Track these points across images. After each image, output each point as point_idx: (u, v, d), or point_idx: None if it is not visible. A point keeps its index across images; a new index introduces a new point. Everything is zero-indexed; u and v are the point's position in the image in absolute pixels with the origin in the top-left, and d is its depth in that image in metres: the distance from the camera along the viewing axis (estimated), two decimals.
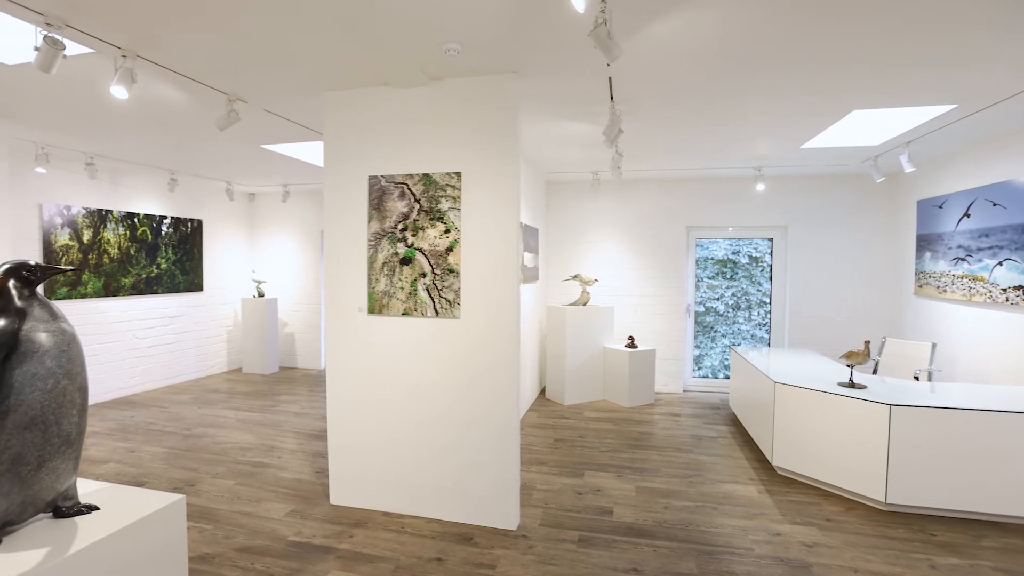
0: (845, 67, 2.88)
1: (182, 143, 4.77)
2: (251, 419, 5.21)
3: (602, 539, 2.98)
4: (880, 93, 3.29)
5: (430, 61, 2.82)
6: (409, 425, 3.24)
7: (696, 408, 5.75)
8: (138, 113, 3.78)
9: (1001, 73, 2.93)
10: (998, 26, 2.39)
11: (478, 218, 3.08)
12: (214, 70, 2.96)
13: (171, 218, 6.66)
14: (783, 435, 3.79)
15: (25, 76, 3.07)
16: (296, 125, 4.08)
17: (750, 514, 3.27)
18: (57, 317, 1.81)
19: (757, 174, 5.64)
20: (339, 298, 3.35)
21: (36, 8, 2.25)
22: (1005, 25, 2.38)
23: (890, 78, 3.03)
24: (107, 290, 5.87)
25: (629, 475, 3.87)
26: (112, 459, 4.14)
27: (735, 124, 4.02)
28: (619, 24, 2.37)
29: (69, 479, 1.86)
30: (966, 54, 2.69)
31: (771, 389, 3.89)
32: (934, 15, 2.29)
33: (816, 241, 6.15)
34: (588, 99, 3.46)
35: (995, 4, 2.20)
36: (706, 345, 6.75)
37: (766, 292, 6.52)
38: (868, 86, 3.17)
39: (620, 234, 6.60)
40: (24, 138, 4.51)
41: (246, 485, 3.66)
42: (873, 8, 2.25)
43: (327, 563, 2.72)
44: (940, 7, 2.23)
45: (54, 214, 5.35)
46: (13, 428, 1.62)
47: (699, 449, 4.43)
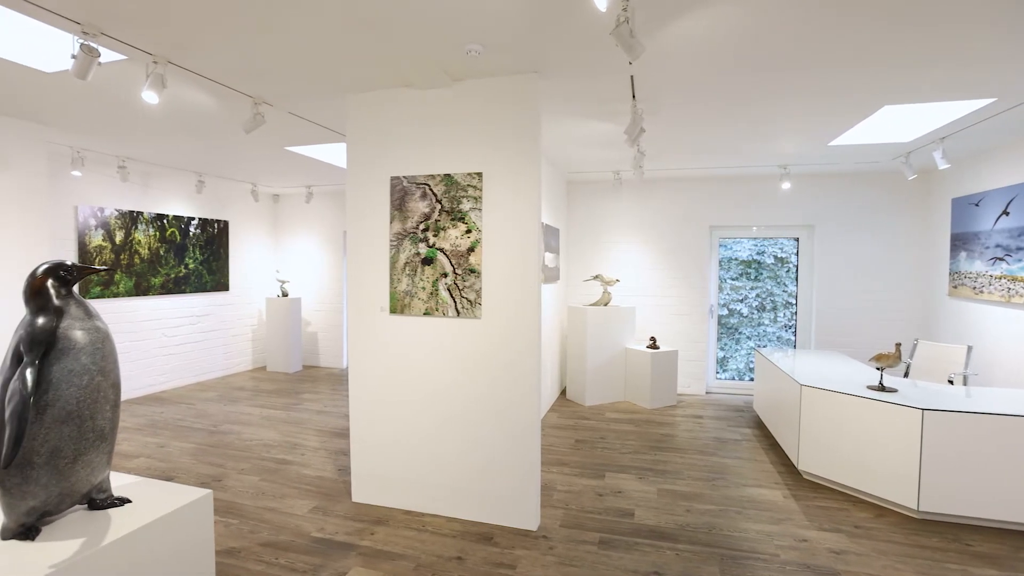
0: (876, 64, 2.81)
1: (209, 146, 4.88)
2: (275, 416, 5.30)
3: (623, 541, 2.95)
4: (913, 88, 3.19)
5: (451, 62, 2.84)
6: (430, 424, 3.26)
7: (719, 410, 5.66)
8: (168, 117, 3.87)
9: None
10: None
11: (499, 218, 3.08)
12: (241, 74, 3.02)
13: (198, 219, 6.81)
14: (809, 439, 3.71)
15: (62, 83, 3.17)
16: (319, 127, 4.14)
17: (775, 519, 3.20)
18: (92, 315, 1.87)
19: (783, 172, 5.53)
20: (361, 298, 3.39)
21: (74, 17, 2.33)
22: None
23: (924, 76, 2.94)
24: (138, 289, 6.04)
25: (651, 477, 3.83)
26: (143, 454, 4.25)
27: (760, 122, 3.95)
28: (641, 22, 2.35)
29: (103, 472, 1.91)
30: (1007, 49, 2.59)
31: (797, 392, 3.81)
32: (970, 10, 2.22)
33: (844, 241, 6.00)
34: (609, 98, 3.43)
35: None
36: (730, 347, 6.64)
37: (792, 293, 6.39)
38: (900, 82, 3.08)
39: (642, 234, 6.54)
40: (61, 143, 4.67)
41: (270, 481, 3.72)
42: (906, 5, 2.18)
43: (349, 560, 2.75)
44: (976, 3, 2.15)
45: (88, 216, 5.52)
46: (51, 422, 1.67)
47: (722, 452, 4.36)
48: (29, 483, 1.67)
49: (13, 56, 2.81)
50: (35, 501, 1.70)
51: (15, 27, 2.62)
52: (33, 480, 1.68)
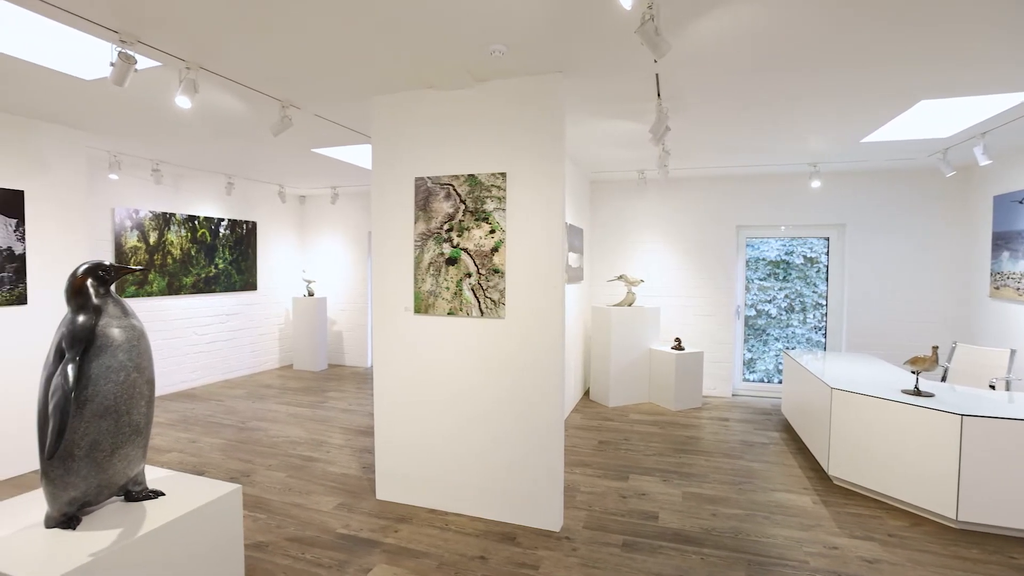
0: (912, 60, 2.72)
1: (238, 148, 4.99)
2: (301, 414, 5.40)
3: (647, 544, 2.92)
4: (952, 82, 3.08)
5: (475, 63, 2.84)
6: (454, 424, 3.27)
7: (746, 413, 5.55)
8: (199, 121, 3.98)
9: None
10: None
11: (523, 218, 3.07)
12: (269, 78, 3.08)
13: (228, 220, 6.98)
14: (840, 444, 3.61)
15: (101, 90, 3.28)
16: (345, 129, 4.20)
17: (804, 525, 3.13)
18: (128, 314, 1.93)
19: (812, 170, 5.40)
20: (386, 298, 3.42)
21: (112, 26, 2.41)
22: None
23: (964, 69, 2.84)
24: (170, 289, 6.21)
25: (675, 480, 3.78)
26: (175, 448, 4.38)
27: (789, 119, 3.86)
28: (667, 19, 2.31)
29: (138, 465, 1.97)
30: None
31: (827, 395, 3.71)
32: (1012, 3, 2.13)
33: (877, 240, 5.82)
34: (634, 97, 3.40)
35: None
36: (757, 349, 6.51)
37: (822, 294, 6.23)
38: (938, 76, 2.97)
39: (666, 234, 6.46)
40: (99, 147, 4.84)
41: (297, 478, 3.79)
42: (943, 6, 2.11)
43: (373, 556, 2.78)
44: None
45: (124, 217, 5.70)
46: (90, 416, 1.73)
47: (749, 455, 4.28)
48: (70, 474, 1.74)
49: (55, 65, 2.92)
50: (76, 492, 1.77)
51: (57, 37, 2.73)
52: (74, 471, 1.74)
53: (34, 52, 2.81)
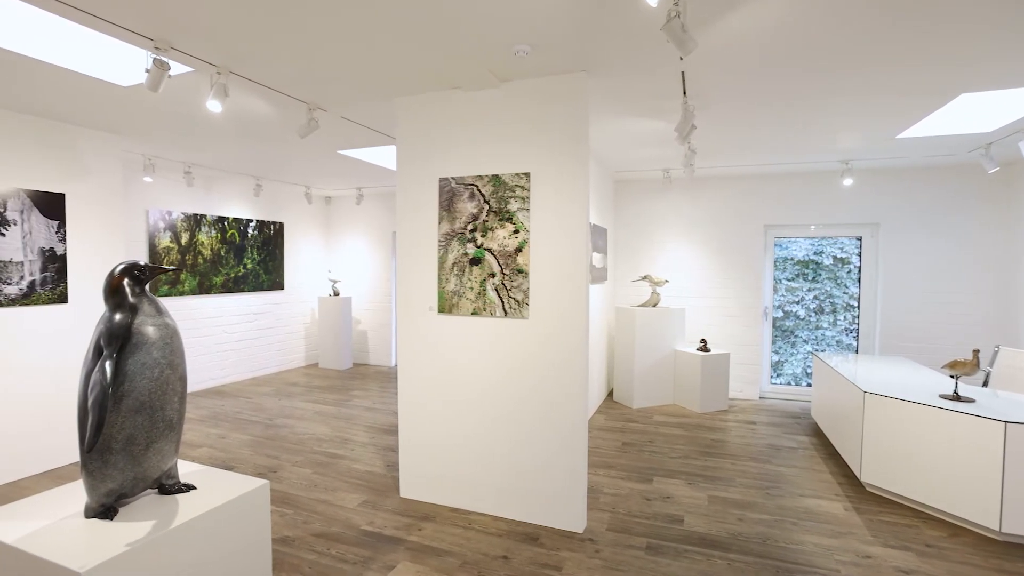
0: (953, 52, 2.62)
1: (267, 151, 5.10)
2: (327, 412, 5.48)
3: (672, 548, 2.87)
4: (996, 74, 2.96)
5: (499, 63, 2.84)
6: (477, 423, 3.28)
7: (774, 416, 5.43)
8: (229, 125, 4.07)
9: None
10: None
11: (547, 218, 3.06)
12: (296, 81, 3.14)
13: (256, 221, 7.13)
14: (874, 449, 3.50)
15: (136, 96, 3.39)
16: (370, 130, 4.25)
17: (835, 532, 3.04)
18: (162, 312, 1.98)
19: (844, 168, 5.25)
20: (410, 297, 3.45)
21: (147, 34, 2.48)
22: None
23: (1010, 62, 2.72)
24: (201, 288, 6.38)
25: (701, 483, 3.72)
26: (205, 444, 4.49)
27: (820, 116, 3.76)
28: (693, 16, 2.28)
29: (171, 460, 2.03)
30: None
31: (860, 399, 3.60)
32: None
33: (913, 239, 5.63)
34: (659, 95, 3.36)
35: None
36: (785, 351, 6.36)
37: (853, 295, 6.06)
38: (981, 69, 2.86)
39: (692, 233, 6.37)
40: (134, 151, 5.00)
41: (322, 475, 3.84)
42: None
43: (397, 554, 2.80)
44: None
45: (157, 219, 5.88)
46: (127, 412, 1.79)
47: (777, 459, 4.19)
48: (108, 467, 1.80)
49: (95, 72, 3.03)
50: (113, 484, 1.83)
51: (96, 46, 2.83)
52: (111, 464, 1.80)
53: (75, 60, 2.92)
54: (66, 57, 2.87)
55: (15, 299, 3.72)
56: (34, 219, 3.81)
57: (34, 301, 3.82)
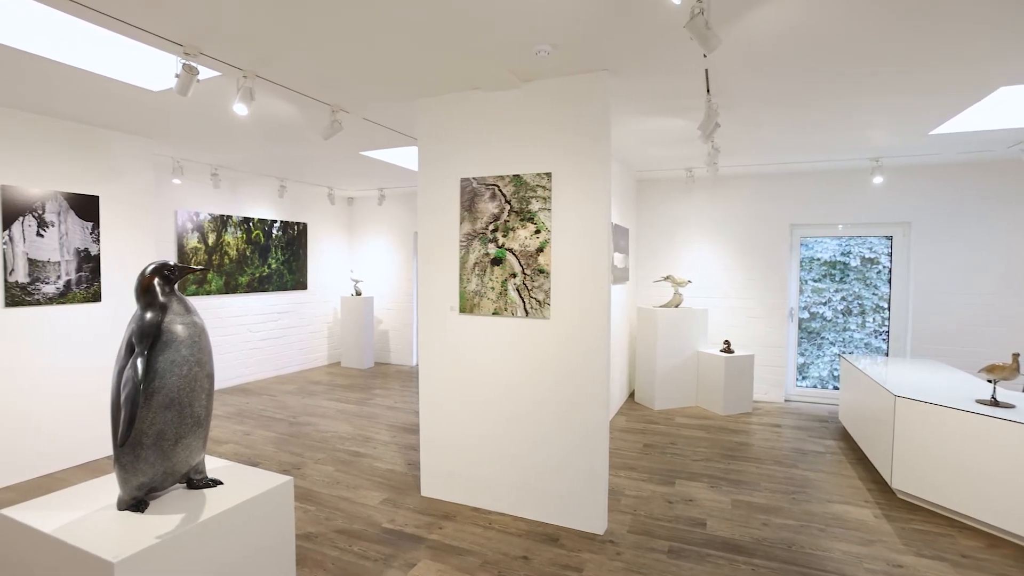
0: (990, 46, 2.52)
1: (291, 153, 5.18)
2: (349, 410, 5.55)
3: (694, 552, 2.83)
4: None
5: (520, 63, 2.84)
6: (498, 423, 3.28)
7: (799, 419, 5.32)
8: (255, 127, 4.15)
9: None
10: None
11: (569, 218, 3.05)
12: (320, 84, 3.18)
13: (280, 222, 7.26)
14: (905, 455, 3.40)
15: (166, 100, 3.47)
16: (392, 132, 4.29)
17: (864, 540, 2.96)
18: (190, 311, 2.03)
19: (874, 165, 5.11)
20: (432, 297, 3.47)
21: (177, 40, 2.54)
22: None
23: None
24: (227, 288, 6.52)
25: (724, 487, 3.66)
26: (231, 440, 4.58)
27: (850, 112, 3.66)
28: (717, 12, 2.24)
29: (199, 455, 2.07)
30: None
31: (890, 403, 3.50)
32: None
33: (946, 238, 5.45)
34: (682, 93, 3.31)
35: None
36: (811, 353, 6.22)
37: (883, 296, 5.89)
38: (1021, 61, 2.75)
39: (715, 233, 6.27)
40: (164, 154, 5.13)
41: (344, 472, 3.89)
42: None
43: (418, 552, 2.82)
44: None
45: (185, 220, 6.03)
46: (157, 408, 1.83)
47: (803, 464, 4.09)
48: (139, 461, 1.85)
49: (127, 78, 3.12)
50: (144, 477, 1.87)
51: (127, 52, 2.91)
52: (142, 459, 1.85)
53: (109, 67, 3.01)
54: (101, 64, 2.97)
55: (52, 298, 3.85)
56: (70, 220, 3.94)
57: (70, 300, 3.95)
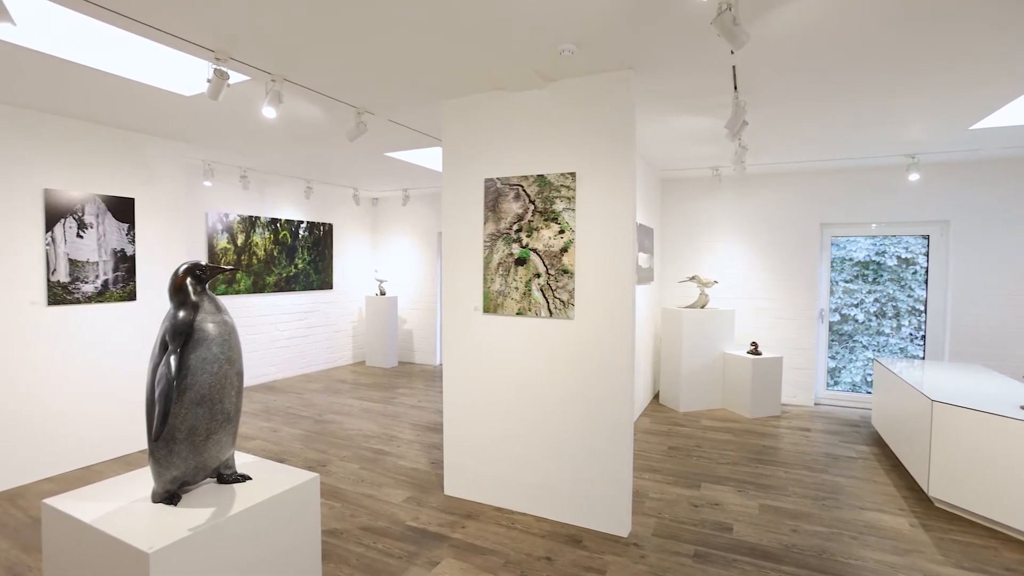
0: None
1: (317, 154, 5.27)
2: (373, 409, 5.61)
3: (720, 557, 2.78)
4: None
5: (545, 63, 2.83)
6: (521, 423, 3.28)
7: (830, 424, 5.18)
8: (282, 130, 4.23)
9: None
10: None
11: (593, 218, 3.03)
12: (346, 86, 3.23)
13: (307, 222, 7.39)
14: (944, 462, 3.28)
15: (198, 105, 3.57)
16: (416, 133, 4.32)
17: (900, 549, 2.87)
18: (221, 310, 2.07)
19: (910, 162, 4.95)
20: (456, 297, 3.48)
21: (209, 46, 2.61)
22: None
23: None
24: (255, 287, 6.66)
25: (751, 491, 3.58)
26: (259, 437, 4.68)
27: (884, 106, 3.55)
28: (745, 8, 2.20)
29: (229, 451, 2.12)
30: None
31: (927, 409, 3.38)
32: None
33: (987, 237, 5.24)
34: (708, 91, 3.26)
35: None
36: (843, 357, 6.05)
37: (919, 298, 5.69)
38: None
39: (742, 233, 6.16)
40: (196, 157, 5.27)
41: (369, 470, 3.93)
42: None
43: (441, 550, 2.83)
44: None
45: (215, 221, 6.18)
46: (189, 404, 1.88)
47: (834, 469, 3.98)
48: (172, 455, 1.90)
49: (161, 83, 3.21)
50: (177, 471, 1.93)
51: (161, 59, 3.00)
52: (175, 453, 1.90)
53: (144, 73, 3.10)
54: (137, 71, 3.06)
55: (91, 297, 3.99)
56: (107, 222, 4.08)
57: (107, 299, 4.09)
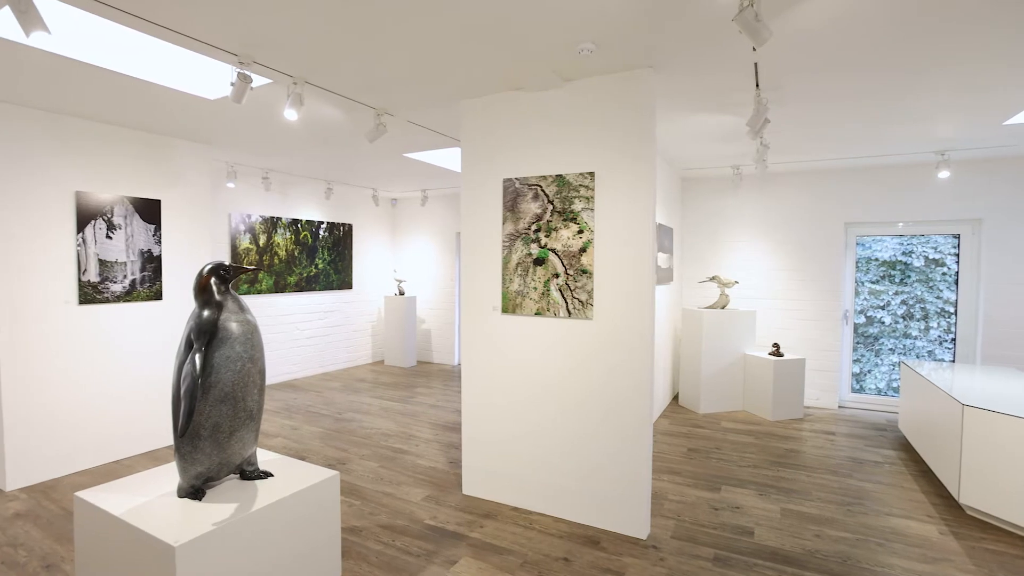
0: None
1: (337, 156, 5.33)
2: (392, 408, 5.66)
3: (741, 561, 2.74)
4: None
5: (563, 63, 2.82)
6: (540, 424, 3.27)
7: (855, 427, 5.07)
8: (303, 132, 4.29)
9: None
10: None
11: (612, 218, 3.01)
12: (365, 88, 3.26)
13: (327, 223, 7.48)
14: (975, 469, 3.18)
15: (222, 108, 3.64)
16: (435, 133, 4.35)
17: (929, 557, 2.79)
18: (244, 309, 2.11)
19: (940, 159, 4.81)
20: (474, 297, 3.49)
21: (232, 50, 2.65)
22: None
23: None
24: (276, 287, 6.77)
25: (773, 495, 3.52)
26: (280, 434, 4.75)
27: (912, 101, 3.46)
28: (767, 3, 2.16)
29: (251, 448, 2.15)
30: None
31: (958, 413, 3.29)
32: None
33: (1021, 236, 5.07)
34: (729, 89, 3.21)
35: None
36: (868, 360, 5.90)
37: (949, 300, 5.53)
38: None
39: (764, 232, 6.06)
40: (220, 159, 5.38)
41: (388, 468, 3.97)
42: None
43: (459, 549, 2.84)
44: None
45: (239, 222, 6.29)
46: (213, 401, 1.92)
47: (859, 474, 3.90)
48: (197, 452, 1.94)
49: (186, 88, 3.28)
50: (201, 467, 1.97)
51: (186, 64, 3.06)
52: (200, 449, 1.94)
53: (170, 77, 3.17)
54: (163, 75, 3.13)
55: (119, 296, 4.09)
56: (135, 223, 4.18)
57: (135, 298, 4.19)
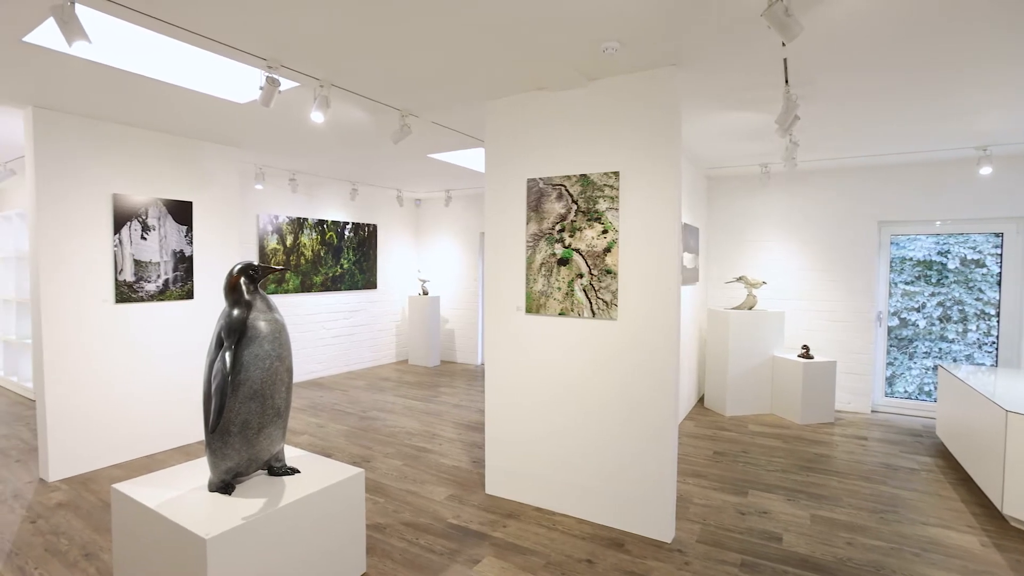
0: None
1: (362, 157, 5.40)
2: (416, 407, 5.70)
3: (769, 567, 2.68)
4: None
5: (587, 62, 2.80)
6: (564, 424, 3.26)
7: (889, 432, 4.91)
8: (330, 134, 4.36)
9: None
10: None
11: (637, 218, 2.98)
12: (390, 90, 3.29)
13: (352, 223, 7.58)
14: (1020, 477, 3.05)
15: (251, 111, 3.72)
16: (459, 134, 4.36)
17: (969, 570, 2.68)
18: (272, 308, 2.15)
19: (981, 155, 4.63)
20: (498, 297, 3.50)
21: (261, 55, 2.71)
22: None
23: None
24: (303, 287, 6.89)
25: (802, 500, 3.44)
26: (306, 432, 4.83)
27: (951, 94, 3.33)
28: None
29: (279, 444, 2.19)
30: None
31: (1001, 419, 3.16)
32: None
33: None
34: (757, 85, 3.15)
35: None
36: (902, 363, 5.71)
37: (989, 301, 5.31)
38: None
39: (793, 232, 5.92)
40: (248, 161, 5.50)
41: (411, 467, 4.00)
42: None
43: (482, 548, 2.85)
44: None
45: (266, 223, 6.43)
46: (242, 399, 1.96)
47: (894, 481, 3.77)
48: (227, 447, 1.98)
49: (217, 92, 3.36)
50: (231, 463, 2.01)
51: (216, 69, 3.14)
52: (230, 445, 1.98)
53: (201, 83, 3.26)
54: (194, 80, 3.22)
55: (153, 295, 4.22)
56: (168, 225, 4.30)
57: (167, 297, 4.31)
